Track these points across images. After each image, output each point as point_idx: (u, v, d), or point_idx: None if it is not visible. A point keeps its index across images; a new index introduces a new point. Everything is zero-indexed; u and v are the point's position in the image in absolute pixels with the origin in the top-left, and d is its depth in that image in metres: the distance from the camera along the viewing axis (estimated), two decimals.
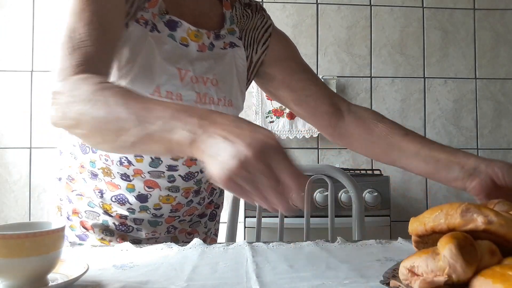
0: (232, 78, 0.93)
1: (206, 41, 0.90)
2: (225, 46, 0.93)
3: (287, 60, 1.03)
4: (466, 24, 2.46)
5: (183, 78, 0.85)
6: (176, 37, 0.86)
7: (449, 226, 0.50)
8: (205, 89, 0.88)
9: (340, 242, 0.82)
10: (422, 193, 2.42)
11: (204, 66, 0.89)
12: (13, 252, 0.52)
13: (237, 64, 0.95)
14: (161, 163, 0.90)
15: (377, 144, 0.92)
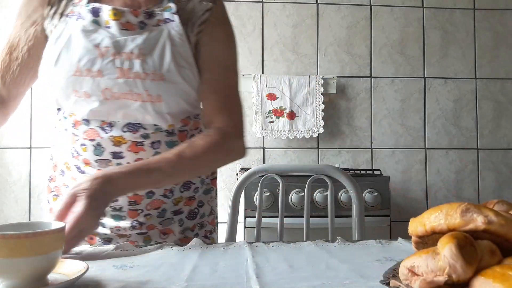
0: (163, 52, 0.90)
1: (132, 20, 0.91)
2: (158, 23, 0.93)
3: (209, 54, 0.98)
4: (466, 24, 2.46)
5: (103, 55, 0.88)
6: (100, 22, 0.91)
7: (449, 226, 0.50)
8: (128, 64, 0.88)
9: (340, 242, 0.82)
10: (422, 193, 2.42)
11: (129, 43, 0.89)
12: (13, 252, 0.52)
13: (171, 38, 0.91)
14: (104, 150, 0.91)
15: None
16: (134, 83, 0.88)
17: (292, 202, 1.84)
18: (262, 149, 2.34)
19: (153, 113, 0.91)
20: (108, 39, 0.89)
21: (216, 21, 0.98)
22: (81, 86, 0.88)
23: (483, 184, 2.45)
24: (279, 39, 2.38)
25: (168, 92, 0.90)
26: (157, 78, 0.89)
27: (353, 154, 2.39)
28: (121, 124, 0.91)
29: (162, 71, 0.89)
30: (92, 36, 0.89)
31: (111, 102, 0.89)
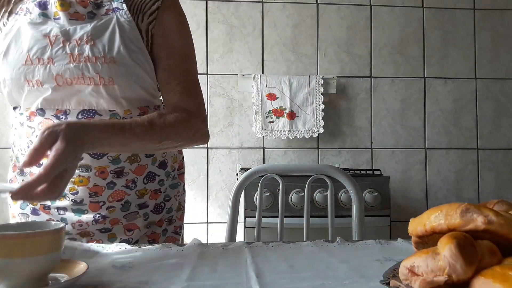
0: (113, 37, 0.91)
1: (81, 10, 0.93)
2: (107, 12, 0.95)
3: (165, 43, 0.99)
4: (466, 24, 2.46)
5: (52, 43, 0.90)
6: (48, 14, 0.93)
7: (449, 226, 0.50)
8: (78, 49, 0.90)
9: (339, 242, 0.82)
10: (422, 193, 2.42)
11: (78, 30, 0.91)
12: (13, 252, 0.52)
13: (120, 24, 0.93)
14: None
15: None
16: (86, 66, 0.89)
17: (292, 202, 1.84)
18: (262, 149, 2.34)
19: (107, 96, 0.91)
20: (57, 29, 0.91)
21: (166, 10, 0.99)
22: (33, 75, 0.89)
23: (483, 184, 2.45)
24: (279, 39, 2.38)
25: (120, 75, 0.90)
26: (108, 61, 0.90)
27: (353, 154, 2.39)
28: (76, 111, 0.91)
29: (112, 54, 0.90)
30: (41, 27, 0.91)
31: (63, 88, 0.90)
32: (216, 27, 2.33)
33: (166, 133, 0.88)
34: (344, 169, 1.68)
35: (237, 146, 2.33)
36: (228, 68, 2.34)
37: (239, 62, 2.34)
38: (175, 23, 1.00)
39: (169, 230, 1.05)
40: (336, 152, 2.38)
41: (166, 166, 1.03)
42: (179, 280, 0.58)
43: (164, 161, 1.03)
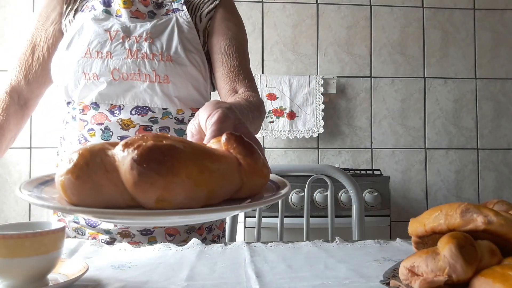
0: (172, 36, 0.94)
1: (142, 9, 0.97)
2: (167, 12, 0.98)
3: (224, 29, 1.02)
4: (466, 24, 2.46)
5: (112, 38, 0.92)
6: (111, 11, 0.97)
7: (449, 226, 0.50)
8: (137, 46, 0.92)
9: (338, 242, 0.82)
10: (422, 193, 2.42)
11: (138, 28, 0.94)
12: (13, 252, 0.52)
13: (179, 25, 0.96)
14: (112, 134, 0.91)
15: None
16: (143, 63, 0.91)
17: (292, 202, 1.84)
18: None
19: (161, 94, 0.92)
20: (118, 25, 0.94)
21: (224, 8, 1.03)
22: (91, 68, 0.91)
23: (483, 184, 2.45)
24: (279, 39, 2.38)
25: (175, 74, 0.92)
26: (165, 59, 0.91)
27: (353, 154, 2.39)
28: (130, 107, 0.92)
29: (170, 53, 0.92)
30: (103, 23, 0.94)
31: (119, 83, 0.91)
32: None
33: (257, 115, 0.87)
34: (344, 169, 1.68)
35: None
36: None
37: None
38: (233, 18, 1.03)
39: (208, 239, 1.02)
40: (336, 152, 2.38)
41: None
42: (179, 280, 0.58)
43: None
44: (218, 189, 0.36)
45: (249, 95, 0.91)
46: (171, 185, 0.33)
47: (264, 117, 0.97)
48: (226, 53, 0.99)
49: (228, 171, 0.37)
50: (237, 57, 1.00)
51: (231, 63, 0.99)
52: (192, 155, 0.35)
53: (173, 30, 0.95)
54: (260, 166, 0.38)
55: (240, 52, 1.01)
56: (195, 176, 0.34)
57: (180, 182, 0.33)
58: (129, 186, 0.33)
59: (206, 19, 1.01)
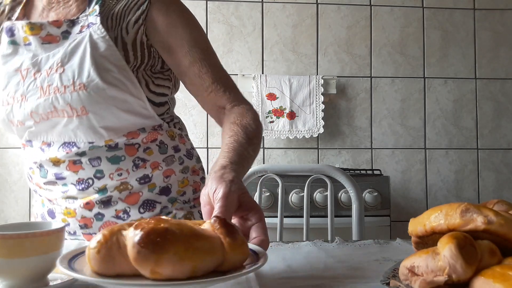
0: (83, 59, 0.81)
1: (54, 32, 0.85)
2: (81, 29, 0.85)
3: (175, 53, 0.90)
4: (466, 24, 2.46)
5: (24, 77, 0.84)
6: (18, 41, 0.87)
7: (449, 226, 0.50)
8: (48, 80, 0.82)
9: (338, 242, 0.82)
10: (422, 193, 2.42)
11: (49, 58, 0.84)
12: (13, 252, 0.52)
13: (93, 42, 0.83)
14: (47, 171, 0.88)
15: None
16: (56, 98, 0.82)
17: (292, 202, 1.84)
18: (262, 149, 2.34)
19: (83, 128, 0.84)
20: (28, 60, 0.84)
21: (160, 11, 0.88)
22: (13, 115, 0.85)
23: (483, 184, 2.45)
24: (279, 39, 2.38)
25: (93, 102, 0.82)
26: (77, 88, 0.81)
27: (353, 154, 2.39)
28: (58, 143, 0.86)
29: (82, 80, 0.81)
30: (12, 60, 0.86)
31: (43, 123, 0.85)
32: (216, 27, 2.33)
33: (259, 137, 0.85)
34: (344, 169, 1.68)
35: None
36: (228, 68, 2.32)
37: (239, 62, 2.34)
38: (178, 19, 0.90)
39: None
40: (336, 152, 2.38)
41: (170, 192, 0.93)
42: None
43: (167, 186, 0.93)
44: (201, 263, 0.44)
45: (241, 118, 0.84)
46: (161, 260, 0.42)
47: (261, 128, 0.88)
48: (194, 73, 0.89)
49: (210, 248, 0.45)
50: (207, 71, 0.89)
51: (205, 83, 0.89)
52: (180, 235, 0.44)
53: (85, 51, 0.82)
54: (238, 244, 0.46)
55: (207, 63, 0.90)
56: (181, 253, 0.43)
57: (168, 258, 0.42)
58: (132, 260, 0.44)
59: (134, 30, 0.87)
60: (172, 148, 0.95)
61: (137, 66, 0.88)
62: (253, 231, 0.58)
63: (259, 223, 0.58)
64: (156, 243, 0.42)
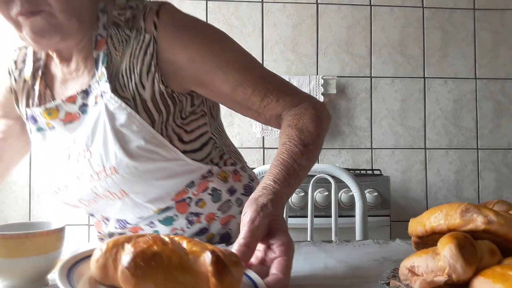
0: (106, 137, 0.74)
1: (72, 109, 0.79)
2: (96, 99, 0.77)
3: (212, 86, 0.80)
4: (466, 24, 2.46)
5: (61, 168, 0.81)
6: (43, 127, 0.83)
7: (449, 226, 0.51)
8: (81, 169, 0.78)
9: (338, 242, 0.82)
10: (422, 193, 2.42)
11: (75, 141, 0.79)
12: (13, 252, 0.52)
13: (110, 113, 0.75)
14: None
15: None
16: (94, 187, 0.78)
17: (292, 202, 1.84)
18: (262, 149, 2.34)
19: (128, 207, 0.80)
20: (58, 146, 0.81)
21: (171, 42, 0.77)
22: (66, 200, 0.85)
23: (483, 184, 2.45)
24: (279, 39, 2.38)
25: (130, 183, 0.76)
26: (109, 173, 0.75)
27: (353, 154, 2.39)
28: (113, 219, 0.87)
29: (112, 164, 0.74)
30: (46, 148, 0.83)
31: (92, 205, 0.84)
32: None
33: (317, 144, 0.75)
34: None
35: (237, 146, 2.32)
36: None
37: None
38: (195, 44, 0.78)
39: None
40: (336, 152, 2.38)
41: (231, 237, 0.88)
42: None
43: (227, 232, 0.88)
44: None
45: (298, 119, 0.76)
46: (139, 285, 0.42)
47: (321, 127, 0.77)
48: (240, 97, 0.78)
49: (194, 284, 0.43)
50: (253, 90, 0.78)
51: (254, 103, 0.79)
52: (165, 264, 0.43)
53: (105, 128, 0.74)
54: (224, 285, 0.43)
55: (250, 81, 0.78)
56: (159, 282, 0.42)
57: (147, 285, 0.42)
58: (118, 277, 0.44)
59: (149, 81, 0.76)
60: (226, 192, 0.87)
61: (165, 121, 0.78)
62: (273, 266, 0.52)
63: (281, 259, 0.52)
64: (138, 267, 0.42)
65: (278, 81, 0.82)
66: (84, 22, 0.76)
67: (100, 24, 0.78)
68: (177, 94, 0.79)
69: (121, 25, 0.77)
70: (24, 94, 0.86)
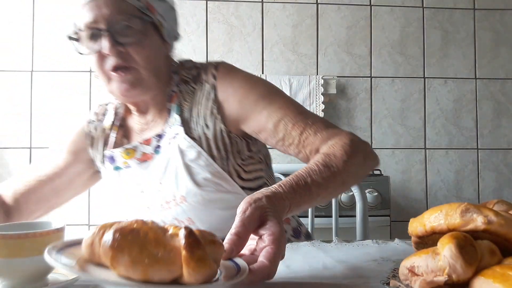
0: (177, 171, 0.87)
1: (147, 150, 0.93)
2: (169, 141, 0.90)
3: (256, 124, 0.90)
4: (466, 24, 2.46)
5: (133, 201, 0.93)
6: (119, 166, 0.95)
7: (449, 226, 0.50)
8: (152, 199, 0.89)
9: (336, 242, 0.82)
10: (422, 193, 2.42)
11: (148, 176, 0.91)
12: (13, 252, 0.52)
13: (182, 152, 0.88)
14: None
15: None
16: (164, 215, 0.89)
17: None
18: None
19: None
20: (132, 182, 0.93)
21: (226, 87, 0.91)
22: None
23: (483, 184, 2.45)
24: (279, 39, 2.38)
25: (196, 211, 0.87)
26: (179, 201, 0.87)
27: None
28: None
29: (182, 193, 0.86)
30: (120, 185, 0.94)
31: None
32: (216, 27, 2.33)
33: (344, 165, 0.76)
34: None
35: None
36: None
37: (239, 62, 2.34)
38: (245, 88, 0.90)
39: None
40: None
41: None
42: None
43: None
44: (153, 269, 0.45)
45: (329, 148, 0.80)
46: (116, 257, 0.45)
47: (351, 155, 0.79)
48: (281, 132, 0.86)
49: (165, 257, 0.46)
50: (293, 125, 0.86)
51: (295, 139, 0.86)
52: (141, 239, 0.46)
53: (177, 164, 0.87)
54: (194, 260, 0.45)
55: (290, 117, 0.87)
56: (134, 255, 0.45)
57: (122, 257, 0.45)
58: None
59: (212, 122, 0.89)
60: None
61: (225, 158, 0.90)
62: (261, 254, 0.54)
63: (269, 247, 0.54)
64: (116, 240, 0.46)
65: (317, 117, 0.91)
66: (160, 80, 0.92)
67: (173, 82, 0.95)
68: (234, 134, 0.91)
69: (189, 81, 0.94)
70: (101, 139, 1.00)
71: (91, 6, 0.84)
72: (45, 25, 2.29)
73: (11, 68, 2.26)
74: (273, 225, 0.56)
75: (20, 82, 2.27)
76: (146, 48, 0.87)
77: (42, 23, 2.29)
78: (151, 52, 0.88)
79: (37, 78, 2.28)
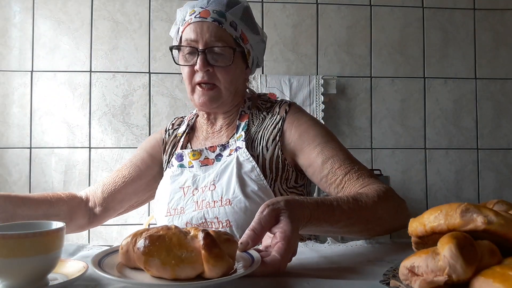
0: (231, 178, 0.97)
1: (210, 155, 1.05)
2: (231, 152, 1.02)
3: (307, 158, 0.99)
4: (466, 24, 2.46)
5: (185, 193, 1.01)
6: (184, 164, 1.07)
7: (449, 226, 0.50)
8: (202, 196, 0.99)
9: (330, 243, 0.82)
10: (422, 193, 2.42)
11: (206, 177, 1.01)
12: (13, 252, 0.52)
13: (239, 163, 0.99)
14: None
15: None
16: (206, 212, 0.96)
17: None
18: None
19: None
20: (190, 179, 1.03)
21: (293, 120, 1.03)
22: (173, 221, 1.00)
23: (483, 184, 2.45)
24: (279, 39, 2.38)
25: (236, 215, 0.94)
26: (224, 203, 0.95)
27: (353, 154, 2.38)
28: None
29: (228, 196, 0.95)
30: (178, 179, 1.04)
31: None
32: None
33: (373, 205, 0.80)
34: None
35: None
36: None
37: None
38: (304, 126, 1.02)
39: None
40: None
41: None
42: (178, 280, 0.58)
43: None
44: (180, 268, 0.53)
45: (362, 190, 0.86)
46: (148, 261, 0.54)
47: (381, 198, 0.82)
48: (328, 169, 0.95)
49: (188, 257, 0.54)
50: (340, 165, 0.95)
51: (338, 177, 0.94)
52: (167, 243, 0.55)
53: (232, 171, 0.97)
54: (212, 257, 0.54)
55: (339, 157, 0.97)
56: (163, 258, 0.54)
57: (153, 260, 0.54)
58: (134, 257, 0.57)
59: (272, 147, 1.01)
60: None
61: (274, 179, 1.00)
62: (274, 249, 0.61)
63: (280, 243, 0.61)
64: (147, 247, 0.54)
65: (363, 167, 0.99)
66: (235, 99, 1.08)
67: (246, 105, 1.09)
68: (288, 163, 1.02)
69: (261, 109, 1.09)
70: (172, 143, 1.15)
71: (196, 27, 0.99)
72: (45, 24, 2.29)
73: (11, 68, 2.26)
74: (285, 224, 0.63)
75: (20, 82, 2.27)
76: (230, 72, 1.01)
77: (43, 23, 2.29)
78: (234, 76, 1.03)
79: (37, 78, 2.28)
